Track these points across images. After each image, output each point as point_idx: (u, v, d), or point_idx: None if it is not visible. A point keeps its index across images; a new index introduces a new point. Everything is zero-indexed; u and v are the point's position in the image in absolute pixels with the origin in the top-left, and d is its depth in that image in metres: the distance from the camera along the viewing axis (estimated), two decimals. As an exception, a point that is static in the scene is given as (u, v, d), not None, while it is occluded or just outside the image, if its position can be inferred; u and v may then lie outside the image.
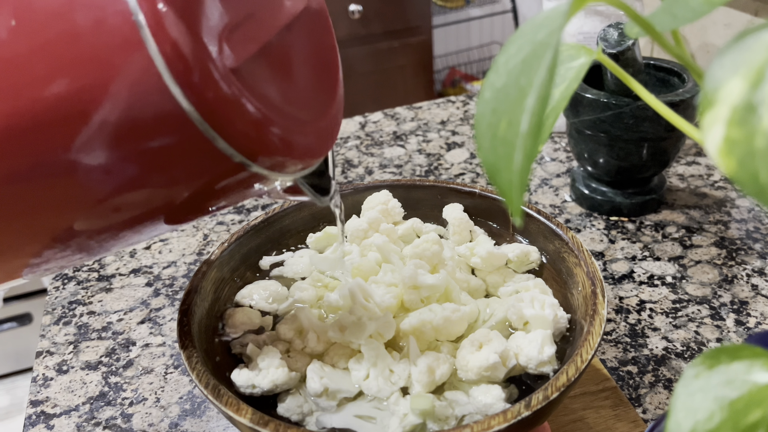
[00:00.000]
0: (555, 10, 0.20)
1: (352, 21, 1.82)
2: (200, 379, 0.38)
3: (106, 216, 0.31)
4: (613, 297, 0.60)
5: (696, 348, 0.54)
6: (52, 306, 0.64)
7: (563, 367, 0.36)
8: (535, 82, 0.19)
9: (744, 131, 0.15)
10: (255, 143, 0.29)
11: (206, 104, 0.27)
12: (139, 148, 0.28)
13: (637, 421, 0.47)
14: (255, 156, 0.29)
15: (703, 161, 0.80)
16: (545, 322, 0.42)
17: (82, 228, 0.31)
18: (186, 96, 0.26)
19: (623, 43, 0.61)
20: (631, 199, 0.69)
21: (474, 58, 2.43)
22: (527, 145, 0.18)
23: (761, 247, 0.64)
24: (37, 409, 0.53)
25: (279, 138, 0.30)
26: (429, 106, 0.99)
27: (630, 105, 0.62)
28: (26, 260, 0.32)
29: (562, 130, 0.87)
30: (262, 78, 0.30)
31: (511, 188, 0.19)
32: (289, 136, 0.30)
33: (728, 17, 0.88)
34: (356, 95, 1.93)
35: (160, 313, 0.62)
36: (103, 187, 0.29)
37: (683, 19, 0.21)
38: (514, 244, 0.50)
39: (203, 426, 0.50)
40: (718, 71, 0.16)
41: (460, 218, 0.51)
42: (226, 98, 0.27)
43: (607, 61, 0.28)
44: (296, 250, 0.53)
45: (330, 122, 0.34)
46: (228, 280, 0.49)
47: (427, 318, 0.42)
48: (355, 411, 0.39)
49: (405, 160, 0.85)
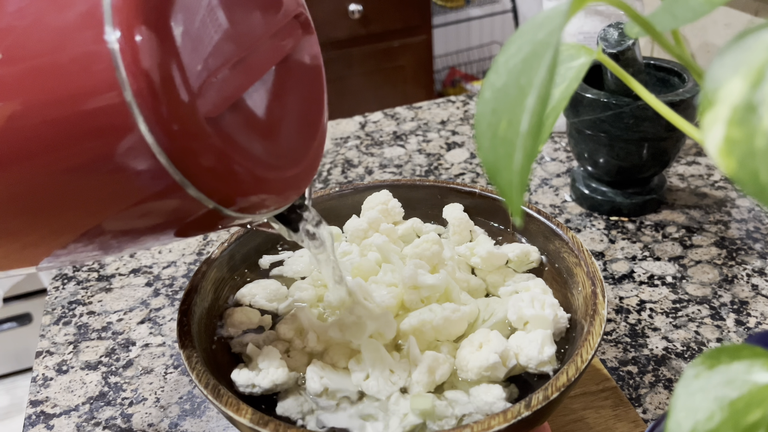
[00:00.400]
0: (555, 10, 0.20)
1: (352, 21, 1.82)
2: (200, 379, 0.38)
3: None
4: (613, 297, 0.60)
5: (696, 348, 0.54)
6: (52, 306, 0.64)
7: (563, 367, 0.36)
8: (536, 82, 0.19)
9: (744, 131, 0.15)
10: (226, 191, 0.28)
11: (176, 149, 0.26)
12: (113, 185, 0.28)
13: (637, 421, 0.47)
14: (228, 203, 0.29)
15: (704, 161, 0.80)
16: (545, 322, 0.42)
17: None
18: (157, 141, 0.26)
19: (623, 43, 0.61)
20: (631, 199, 0.69)
21: (474, 58, 2.43)
22: (527, 145, 0.18)
23: (761, 247, 0.64)
24: (37, 409, 0.53)
25: (252, 186, 0.29)
26: (429, 106, 0.99)
27: (630, 105, 0.62)
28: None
29: (562, 130, 0.87)
30: (238, 127, 0.30)
31: (511, 188, 0.19)
32: (263, 185, 0.30)
33: (728, 17, 0.88)
34: (356, 95, 1.93)
35: (160, 313, 0.62)
36: (88, 216, 0.29)
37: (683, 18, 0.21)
38: (514, 243, 0.50)
39: (203, 426, 0.50)
40: (718, 71, 0.16)
41: (460, 218, 0.51)
42: (196, 145, 0.27)
43: (607, 60, 0.28)
44: (296, 250, 0.53)
45: (307, 167, 0.34)
46: (228, 279, 0.49)
47: (427, 318, 0.42)
48: (355, 410, 0.39)
49: (405, 160, 0.85)
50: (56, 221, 0.29)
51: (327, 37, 1.82)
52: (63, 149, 0.26)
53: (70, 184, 0.27)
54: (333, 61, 1.86)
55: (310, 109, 0.35)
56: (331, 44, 1.84)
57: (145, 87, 0.25)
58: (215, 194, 0.28)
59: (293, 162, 0.33)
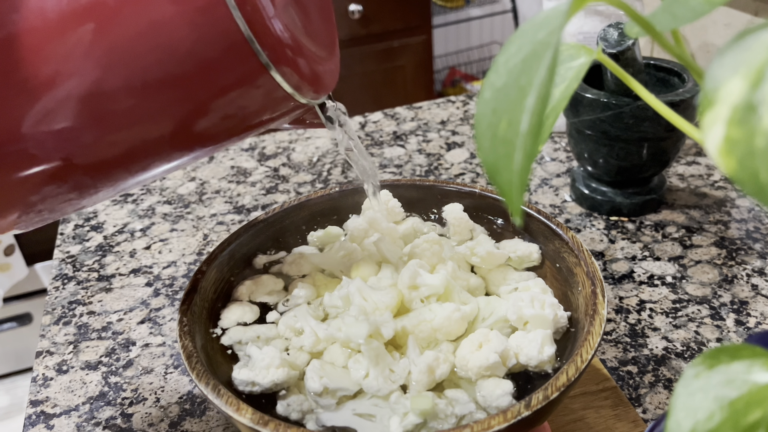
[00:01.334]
0: (555, 10, 0.20)
1: (352, 21, 1.82)
2: (200, 378, 0.38)
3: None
4: (613, 297, 0.60)
5: (696, 348, 0.54)
6: (52, 306, 0.64)
7: (563, 367, 0.36)
8: (536, 82, 0.19)
9: (744, 131, 0.15)
10: (297, 71, 0.36)
11: (265, 38, 0.34)
12: (209, 69, 0.34)
13: (637, 421, 0.47)
14: (297, 87, 0.36)
15: (703, 161, 0.80)
16: (545, 321, 0.42)
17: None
18: (251, 31, 0.33)
19: (623, 43, 0.61)
20: (631, 199, 0.69)
21: (474, 58, 2.43)
22: (527, 145, 0.18)
23: (761, 247, 0.64)
24: (37, 409, 0.53)
25: (310, 70, 0.37)
26: (429, 106, 0.99)
27: (630, 105, 0.62)
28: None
29: (562, 130, 0.87)
30: (294, 26, 0.37)
31: (511, 188, 0.19)
32: (317, 68, 0.38)
33: (728, 17, 0.88)
34: (356, 95, 1.93)
35: (160, 313, 0.62)
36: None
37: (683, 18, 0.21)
38: (515, 240, 0.50)
39: (203, 426, 0.50)
40: (718, 71, 0.16)
41: (460, 218, 0.51)
42: (278, 35, 0.34)
43: (607, 60, 0.28)
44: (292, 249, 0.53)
45: (335, 64, 0.42)
46: (228, 279, 0.49)
47: (426, 318, 0.42)
48: (355, 409, 0.39)
49: (405, 160, 0.85)
50: (168, 105, 0.35)
51: (327, 37, 1.82)
52: (175, 40, 0.33)
53: (175, 69, 0.34)
54: (333, 61, 1.86)
55: (327, 16, 0.44)
56: (331, 44, 1.84)
57: None
58: (289, 75, 0.36)
59: (329, 56, 0.41)
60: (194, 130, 0.37)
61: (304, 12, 0.40)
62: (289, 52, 0.35)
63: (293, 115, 0.41)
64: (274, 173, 0.84)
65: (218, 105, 0.36)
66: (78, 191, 0.38)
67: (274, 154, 0.89)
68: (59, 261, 0.71)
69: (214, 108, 0.36)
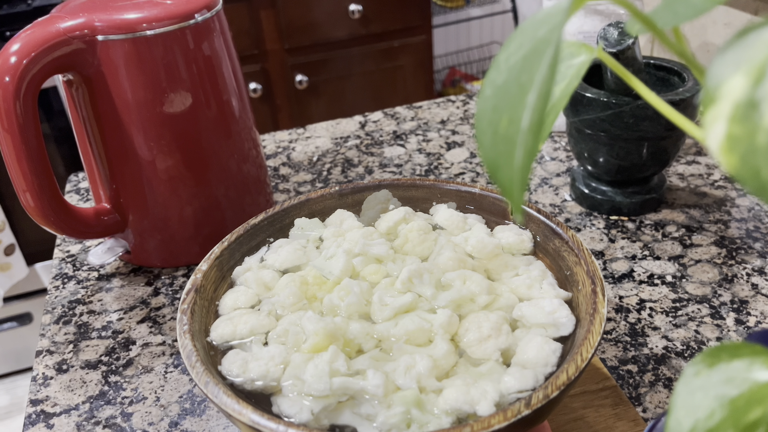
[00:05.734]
0: (556, 7, 0.20)
1: (352, 21, 1.82)
2: (200, 378, 0.38)
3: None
4: (613, 296, 0.60)
5: (696, 347, 0.54)
6: (52, 305, 0.64)
7: (563, 366, 0.36)
8: (537, 79, 0.19)
9: (746, 128, 0.15)
10: None
11: None
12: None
13: (637, 420, 0.47)
14: None
15: (703, 160, 0.80)
16: (545, 320, 0.42)
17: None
18: None
19: (623, 42, 0.61)
20: (631, 199, 0.69)
21: (474, 58, 2.43)
22: (528, 142, 0.18)
23: (761, 246, 0.64)
24: (37, 408, 0.53)
25: None
26: (429, 105, 0.99)
27: (630, 104, 0.62)
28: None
29: (562, 129, 0.87)
30: None
31: (511, 185, 0.19)
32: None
33: (728, 16, 0.88)
34: (356, 95, 1.93)
35: (160, 313, 0.62)
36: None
37: (684, 15, 0.21)
38: (510, 226, 0.50)
39: (203, 425, 0.50)
40: (719, 68, 0.16)
41: (449, 217, 0.51)
42: None
43: (607, 58, 0.28)
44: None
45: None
46: (228, 279, 0.49)
47: (427, 318, 0.42)
48: (354, 409, 0.39)
49: (405, 159, 0.85)
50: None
51: (327, 37, 1.82)
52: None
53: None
54: (333, 61, 1.86)
55: None
56: (331, 44, 1.84)
57: None
58: None
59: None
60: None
61: None
62: None
63: None
64: (274, 172, 0.84)
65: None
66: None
67: (274, 153, 0.89)
68: (59, 260, 0.71)
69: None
